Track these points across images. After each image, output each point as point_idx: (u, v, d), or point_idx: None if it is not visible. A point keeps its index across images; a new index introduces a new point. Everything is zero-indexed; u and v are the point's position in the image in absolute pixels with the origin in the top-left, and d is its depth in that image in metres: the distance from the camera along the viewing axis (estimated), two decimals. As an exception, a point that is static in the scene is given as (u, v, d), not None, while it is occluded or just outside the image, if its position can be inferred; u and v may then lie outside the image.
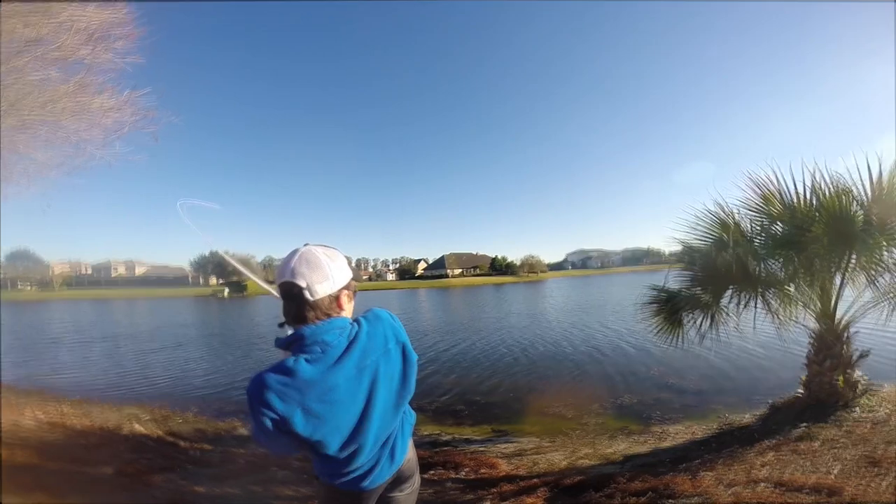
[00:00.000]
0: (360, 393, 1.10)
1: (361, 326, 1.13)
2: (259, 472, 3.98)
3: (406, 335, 1.23)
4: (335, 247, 1.18)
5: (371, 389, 1.11)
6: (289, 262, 1.07)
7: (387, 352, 1.15)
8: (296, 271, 1.05)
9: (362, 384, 1.10)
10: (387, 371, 1.15)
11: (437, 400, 7.39)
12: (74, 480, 3.38)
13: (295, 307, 1.06)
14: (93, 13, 3.58)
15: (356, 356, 1.08)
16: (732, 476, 2.86)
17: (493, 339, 13.55)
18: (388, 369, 1.15)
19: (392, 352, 1.17)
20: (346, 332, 1.10)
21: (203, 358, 11.98)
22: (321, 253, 1.09)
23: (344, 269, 1.13)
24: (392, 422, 1.21)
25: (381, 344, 1.14)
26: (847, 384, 4.08)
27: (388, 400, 1.16)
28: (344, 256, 1.18)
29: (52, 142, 4.37)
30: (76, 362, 11.88)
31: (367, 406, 1.11)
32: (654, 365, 8.80)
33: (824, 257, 3.92)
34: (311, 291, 1.04)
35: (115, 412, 6.64)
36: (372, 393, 1.12)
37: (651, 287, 5.02)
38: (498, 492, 3.21)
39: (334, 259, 1.12)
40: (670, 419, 5.85)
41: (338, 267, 1.11)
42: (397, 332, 1.20)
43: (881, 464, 2.56)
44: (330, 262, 1.09)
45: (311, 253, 1.08)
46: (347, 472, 1.15)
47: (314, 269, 1.06)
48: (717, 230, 4.54)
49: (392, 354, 1.17)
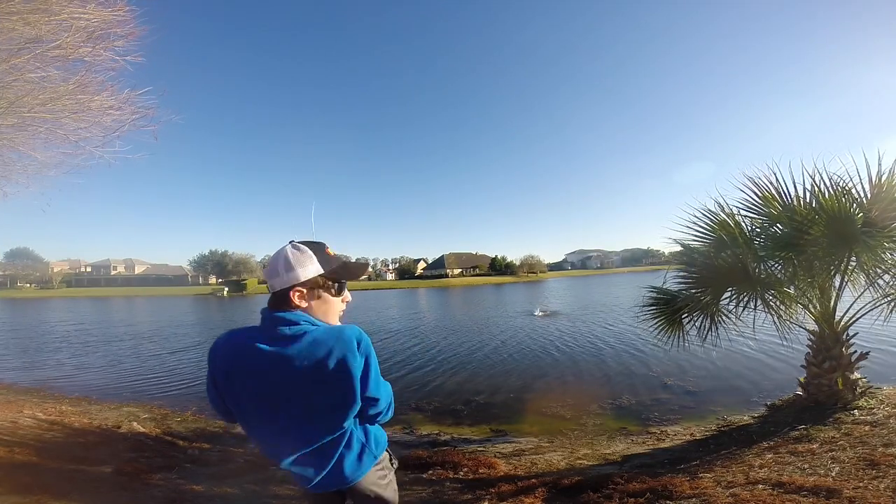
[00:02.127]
0: (256, 386, 1.11)
1: (309, 332, 1.11)
2: (258, 471, 3.98)
3: (358, 356, 1.11)
4: (318, 243, 1.24)
5: (267, 389, 1.10)
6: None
7: (314, 362, 1.08)
8: (266, 266, 1.23)
9: (262, 377, 1.10)
10: (300, 377, 1.08)
11: (435, 400, 7.39)
12: (73, 479, 3.38)
13: (269, 299, 1.20)
14: (93, 11, 3.58)
15: (274, 347, 1.10)
16: (731, 477, 2.86)
17: (493, 338, 13.55)
18: (300, 376, 1.08)
19: (317, 364, 1.08)
20: (287, 325, 1.12)
21: (202, 357, 11.97)
22: (286, 252, 1.18)
23: (298, 269, 1.16)
24: (312, 430, 1.13)
25: (311, 352, 1.08)
26: (846, 385, 4.08)
27: (300, 406, 1.11)
28: (313, 255, 1.19)
29: (51, 141, 4.37)
30: (75, 361, 11.87)
31: (265, 402, 1.12)
32: (653, 365, 8.80)
33: (824, 258, 3.92)
34: (270, 286, 1.18)
35: (113, 411, 6.64)
36: (270, 393, 1.10)
37: (650, 287, 5.03)
38: (496, 492, 3.21)
39: (293, 258, 1.17)
40: (669, 420, 5.86)
41: (290, 266, 1.16)
42: (345, 350, 1.09)
43: (880, 465, 2.56)
44: (285, 262, 1.16)
45: (279, 252, 1.20)
46: (277, 463, 1.18)
47: (272, 267, 1.19)
48: (717, 231, 4.54)
49: (316, 366, 1.08)
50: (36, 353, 13.37)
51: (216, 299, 47.85)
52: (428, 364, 10.22)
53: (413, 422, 6.41)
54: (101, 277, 79.80)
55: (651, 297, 5.00)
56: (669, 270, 4.96)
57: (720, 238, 4.46)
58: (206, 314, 28.18)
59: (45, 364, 11.45)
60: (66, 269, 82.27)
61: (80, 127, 4.17)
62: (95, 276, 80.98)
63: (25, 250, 76.92)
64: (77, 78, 3.86)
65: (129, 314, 28.95)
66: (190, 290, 65.92)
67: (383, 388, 1.21)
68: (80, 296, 57.17)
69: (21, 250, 76.42)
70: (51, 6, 3.39)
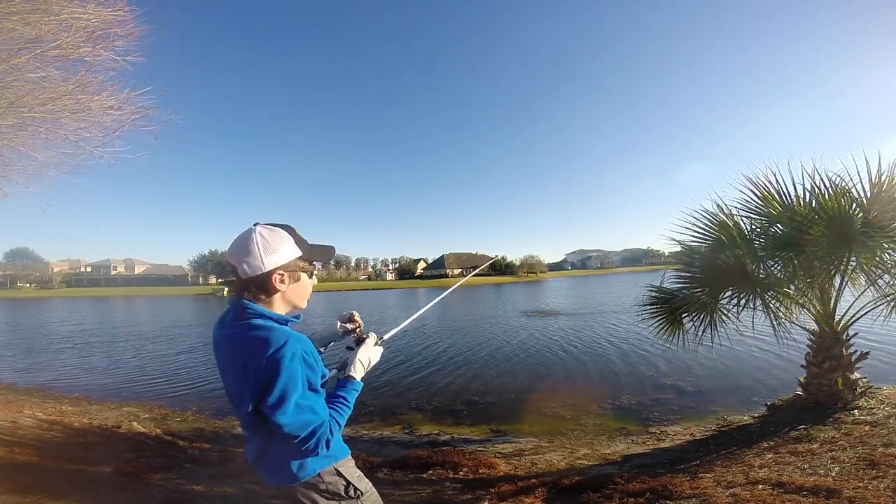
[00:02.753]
0: (221, 364, 1.18)
1: (249, 324, 1.11)
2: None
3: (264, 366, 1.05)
4: (287, 226, 1.20)
5: (220, 366, 1.18)
6: (233, 242, 1.16)
7: (235, 354, 1.11)
8: (231, 251, 1.15)
9: (227, 363, 1.15)
10: (230, 362, 1.14)
11: (435, 399, 7.39)
12: (73, 479, 3.38)
13: (235, 282, 1.17)
14: (93, 12, 3.58)
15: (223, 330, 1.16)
16: (731, 477, 2.87)
17: (493, 338, 13.55)
18: (229, 360, 1.14)
19: (234, 358, 1.12)
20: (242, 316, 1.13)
21: (202, 357, 11.97)
22: (258, 233, 1.13)
23: (280, 251, 1.14)
24: (240, 417, 1.15)
25: (239, 344, 1.11)
26: (846, 385, 4.08)
27: (234, 391, 1.15)
28: (291, 236, 1.18)
29: (51, 141, 4.37)
30: (78, 362, 11.88)
31: (225, 381, 1.18)
32: (653, 365, 8.80)
33: (823, 258, 3.92)
34: (240, 271, 1.13)
35: (113, 411, 6.64)
36: (225, 374, 1.17)
37: (650, 287, 5.03)
38: (496, 492, 3.21)
39: (269, 240, 1.13)
40: (669, 420, 5.85)
41: (269, 248, 1.13)
42: (252, 355, 1.07)
43: (880, 465, 2.56)
44: (261, 243, 1.12)
45: (246, 234, 1.14)
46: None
47: (244, 250, 1.12)
48: (717, 231, 4.54)
49: (234, 359, 1.12)
50: (39, 353, 13.36)
51: (216, 299, 47.81)
52: (428, 364, 10.22)
53: (413, 422, 6.42)
54: (101, 277, 79.80)
55: (651, 297, 5.01)
56: (669, 270, 4.96)
57: (719, 238, 4.46)
58: (206, 314, 28.17)
59: (48, 365, 11.45)
60: (66, 269, 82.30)
61: (80, 127, 4.17)
62: (95, 276, 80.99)
63: (25, 250, 77.03)
64: (77, 78, 3.87)
65: (129, 315, 28.96)
66: (190, 290, 65.90)
67: (291, 415, 1.04)
68: (79, 296, 57.15)
69: (21, 250, 76.52)
70: (51, 6, 3.39)
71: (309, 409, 1.08)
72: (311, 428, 1.08)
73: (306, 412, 1.07)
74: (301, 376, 1.07)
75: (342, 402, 1.22)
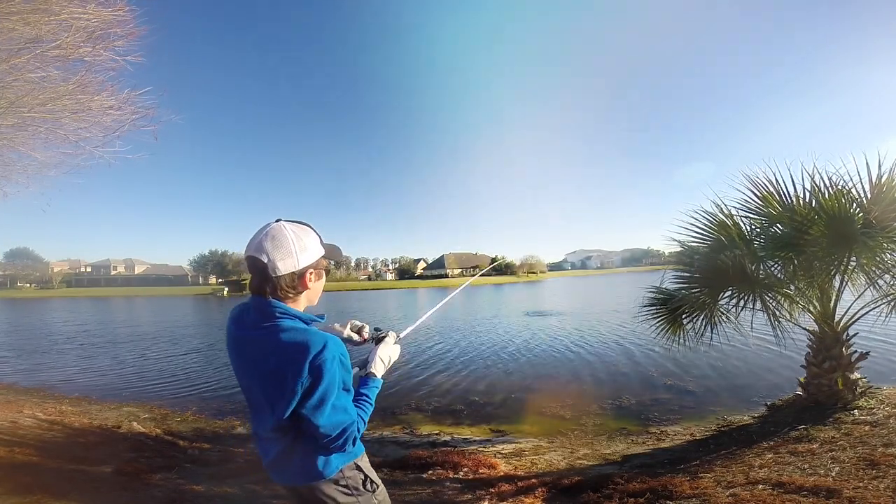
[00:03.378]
0: (238, 366, 1.17)
1: (278, 327, 1.09)
2: (258, 471, 3.97)
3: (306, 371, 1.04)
4: (309, 224, 1.19)
5: (244, 370, 1.15)
6: (256, 237, 1.10)
7: (268, 358, 1.08)
8: (260, 247, 1.08)
9: (238, 359, 1.16)
10: (260, 366, 1.09)
11: (436, 399, 7.39)
12: (73, 479, 3.38)
13: (257, 280, 1.11)
14: (93, 12, 3.58)
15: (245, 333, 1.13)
16: (731, 477, 2.87)
17: (493, 338, 13.55)
18: (258, 365, 1.10)
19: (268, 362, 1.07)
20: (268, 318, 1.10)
21: (202, 357, 11.98)
22: (290, 230, 1.11)
23: (311, 249, 1.14)
24: (261, 420, 1.15)
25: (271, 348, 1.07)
26: (846, 385, 4.08)
27: (257, 393, 1.13)
28: (316, 234, 1.18)
29: (51, 141, 4.38)
30: (75, 361, 11.87)
31: (243, 381, 1.17)
32: (653, 365, 8.80)
33: (823, 259, 3.92)
34: (273, 268, 1.08)
35: (113, 411, 6.65)
36: (250, 377, 1.15)
37: (650, 287, 5.03)
38: (496, 492, 3.21)
39: (302, 237, 1.13)
40: (669, 420, 5.86)
41: (303, 246, 1.12)
42: (295, 359, 1.05)
43: (880, 465, 2.56)
44: (296, 241, 1.11)
45: (278, 229, 1.11)
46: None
47: (278, 246, 1.08)
48: (716, 231, 4.55)
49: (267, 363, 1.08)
50: (38, 353, 13.36)
51: (216, 299, 47.84)
52: (428, 364, 10.21)
53: (413, 422, 6.42)
54: (101, 277, 79.80)
55: (651, 297, 5.00)
56: (669, 270, 4.96)
57: (719, 238, 4.46)
58: (206, 314, 28.18)
59: (49, 365, 11.44)
60: (66, 269, 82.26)
61: (80, 127, 4.18)
62: (95, 276, 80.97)
63: (25, 250, 76.95)
64: (77, 78, 3.87)
65: (129, 315, 28.96)
66: (190, 290, 65.92)
67: (329, 417, 1.06)
68: (80, 296, 57.16)
69: (21, 250, 76.45)
70: (51, 6, 3.39)
71: (343, 409, 1.10)
72: (342, 427, 1.10)
73: (340, 413, 1.09)
74: (339, 379, 1.09)
75: (366, 399, 1.25)
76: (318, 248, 1.17)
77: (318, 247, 1.17)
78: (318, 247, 1.17)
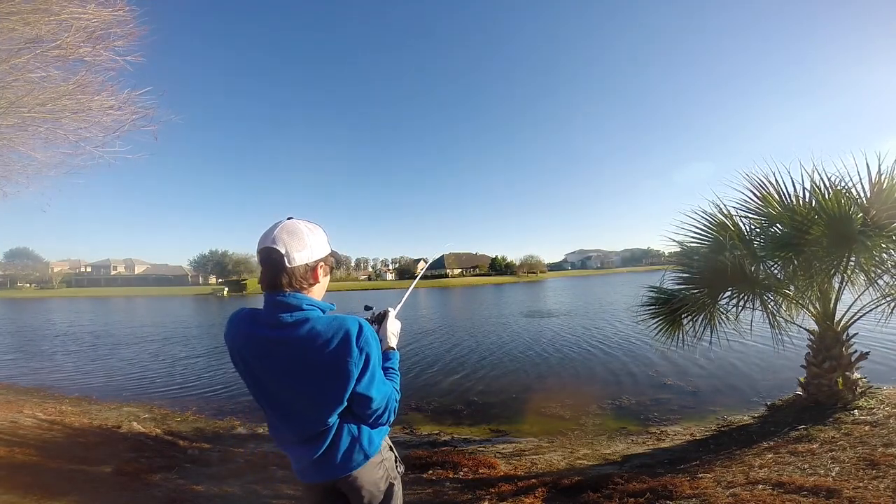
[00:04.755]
0: (260, 370, 1.12)
1: (310, 320, 1.09)
2: (258, 471, 3.98)
3: (355, 351, 1.09)
4: (319, 224, 1.23)
5: (277, 371, 1.11)
6: (271, 231, 1.12)
7: (311, 352, 1.08)
8: (277, 238, 1.10)
9: (263, 362, 1.12)
10: (303, 361, 1.09)
11: (435, 399, 7.39)
12: (73, 479, 3.38)
13: (271, 273, 1.11)
14: (93, 12, 3.58)
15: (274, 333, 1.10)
16: (731, 477, 2.87)
17: (493, 338, 13.55)
18: (300, 360, 1.09)
19: (313, 355, 1.08)
20: (289, 311, 1.10)
21: (202, 357, 11.98)
22: (303, 225, 1.15)
23: (323, 243, 1.19)
24: (304, 419, 1.14)
25: (309, 342, 1.08)
26: (846, 385, 4.08)
27: (295, 393, 1.11)
28: (324, 233, 1.22)
29: (51, 141, 4.37)
30: (75, 361, 11.87)
31: (269, 386, 1.14)
32: (653, 365, 8.80)
33: (823, 259, 3.92)
34: (289, 258, 1.09)
35: (113, 411, 6.64)
36: (271, 378, 1.12)
37: (650, 287, 5.03)
38: (496, 492, 3.21)
39: (314, 232, 1.17)
40: (669, 420, 5.86)
41: (317, 239, 1.16)
42: (344, 343, 1.08)
43: (880, 465, 2.56)
44: (310, 234, 1.14)
45: (292, 224, 1.14)
46: (278, 446, 1.26)
47: (294, 237, 1.11)
48: (716, 231, 4.55)
49: (312, 357, 1.08)
50: (39, 353, 13.35)
51: (216, 299, 47.82)
52: (428, 364, 10.22)
53: (413, 422, 6.42)
54: (101, 277, 79.77)
55: (650, 297, 5.00)
56: (668, 271, 4.96)
57: (718, 239, 4.46)
58: (206, 315, 28.18)
59: (49, 365, 11.44)
60: (66, 269, 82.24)
61: (80, 127, 4.17)
62: (95, 276, 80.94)
63: (25, 250, 76.94)
64: (77, 78, 3.87)
65: (129, 315, 28.96)
66: (190, 290, 65.90)
67: (378, 389, 1.15)
68: (80, 296, 57.15)
69: (21, 250, 76.43)
70: (51, 6, 3.39)
71: (384, 381, 1.21)
72: (388, 397, 1.20)
73: (384, 384, 1.20)
74: (378, 353, 1.18)
75: (393, 371, 1.35)
76: (327, 244, 1.22)
77: (327, 243, 1.22)
78: (327, 243, 1.22)
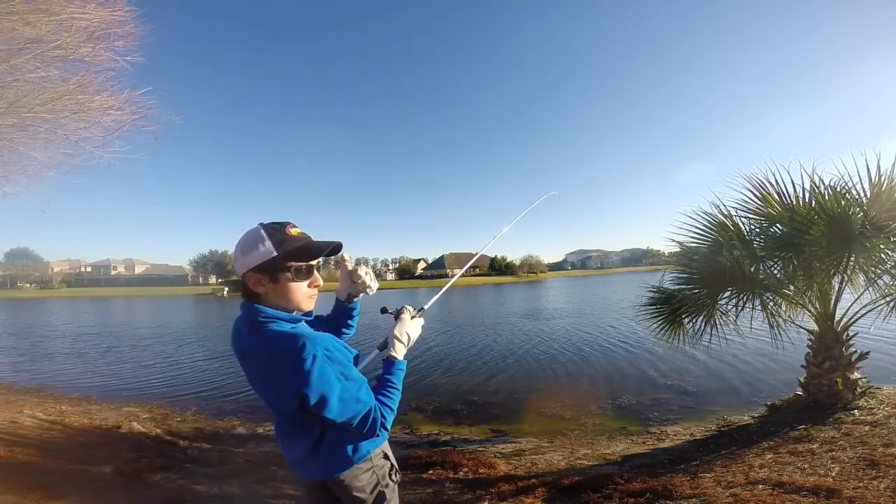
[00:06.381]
0: (249, 376, 1.17)
1: (262, 333, 1.10)
2: (258, 471, 3.98)
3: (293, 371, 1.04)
4: (284, 222, 1.15)
5: (249, 377, 1.17)
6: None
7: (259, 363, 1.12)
8: (235, 247, 1.16)
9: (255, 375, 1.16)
10: (255, 371, 1.15)
11: (435, 399, 7.38)
12: (73, 479, 3.38)
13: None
14: (93, 11, 3.57)
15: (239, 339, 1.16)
16: (731, 477, 2.87)
17: (493, 338, 13.55)
18: (256, 369, 1.14)
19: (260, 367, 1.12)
20: (248, 321, 1.13)
21: (202, 357, 11.98)
22: (255, 231, 1.13)
23: (252, 253, 1.09)
24: (282, 422, 1.21)
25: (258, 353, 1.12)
26: (846, 385, 4.08)
27: (263, 397, 1.18)
28: (268, 238, 1.10)
29: (51, 141, 4.36)
30: (75, 361, 11.87)
31: (262, 396, 1.19)
32: (653, 365, 8.79)
33: (823, 259, 3.92)
34: (236, 268, 1.15)
35: (113, 411, 6.64)
36: (250, 379, 1.17)
37: (650, 287, 5.03)
38: (496, 492, 3.21)
39: (246, 241, 1.12)
40: (669, 420, 5.85)
41: (245, 250, 1.11)
42: (278, 362, 1.07)
43: (880, 465, 2.56)
44: (241, 245, 1.13)
45: (248, 232, 1.14)
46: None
47: (238, 246, 1.14)
48: (716, 231, 4.55)
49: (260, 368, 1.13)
50: (39, 353, 13.35)
51: (216, 299, 47.87)
52: (428, 364, 10.21)
53: (413, 422, 6.41)
54: (102, 277, 79.74)
55: (651, 297, 5.01)
56: (668, 270, 4.96)
57: (718, 239, 4.46)
58: (206, 315, 28.18)
59: (49, 365, 11.43)
60: (66, 269, 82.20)
61: (80, 127, 4.16)
62: (95, 276, 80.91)
63: (25, 250, 76.94)
64: (77, 78, 3.86)
65: (129, 315, 28.95)
66: (190, 290, 65.88)
67: (340, 408, 1.06)
68: (80, 296, 57.13)
69: (21, 250, 76.43)
70: (51, 6, 3.39)
71: (353, 400, 1.09)
72: (360, 416, 1.11)
73: (352, 403, 1.09)
74: (332, 373, 1.06)
75: (388, 385, 1.23)
76: (263, 250, 1.09)
77: (263, 249, 1.09)
78: (263, 249, 1.09)
